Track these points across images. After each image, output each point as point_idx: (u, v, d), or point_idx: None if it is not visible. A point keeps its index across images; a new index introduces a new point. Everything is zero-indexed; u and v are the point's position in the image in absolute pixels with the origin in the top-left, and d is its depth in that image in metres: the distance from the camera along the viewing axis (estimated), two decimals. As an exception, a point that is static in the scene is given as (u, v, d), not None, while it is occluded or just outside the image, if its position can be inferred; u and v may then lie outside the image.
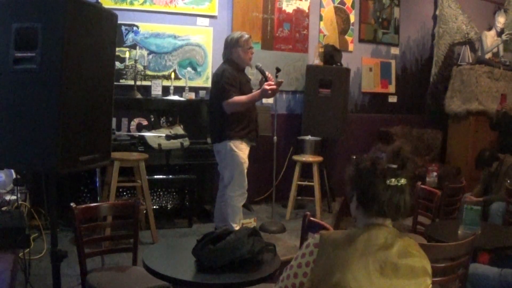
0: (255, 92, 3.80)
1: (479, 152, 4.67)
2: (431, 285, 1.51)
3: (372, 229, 1.50)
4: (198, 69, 5.18)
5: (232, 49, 3.87)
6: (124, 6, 4.82)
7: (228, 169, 3.83)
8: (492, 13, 6.60)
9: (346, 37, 6.04)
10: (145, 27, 4.92)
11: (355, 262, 1.42)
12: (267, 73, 3.88)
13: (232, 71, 3.78)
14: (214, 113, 3.86)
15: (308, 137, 5.29)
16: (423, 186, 3.75)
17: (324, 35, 5.89)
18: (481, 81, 6.01)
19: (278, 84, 3.82)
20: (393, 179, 1.50)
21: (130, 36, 4.88)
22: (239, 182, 3.82)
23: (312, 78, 5.37)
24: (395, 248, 1.46)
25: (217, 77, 3.82)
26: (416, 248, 1.53)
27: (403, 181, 1.51)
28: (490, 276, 2.52)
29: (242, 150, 3.80)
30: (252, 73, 4.78)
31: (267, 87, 3.71)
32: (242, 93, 3.77)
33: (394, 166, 1.52)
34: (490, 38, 6.31)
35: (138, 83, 4.79)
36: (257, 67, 3.97)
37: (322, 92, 5.33)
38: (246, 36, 3.90)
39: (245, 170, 3.85)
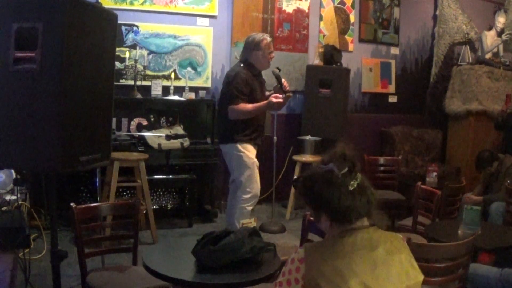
0: (261, 103, 3.68)
1: (478, 153, 4.66)
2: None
3: (354, 232, 1.48)
4: (198, 69, 5.18)
5: (252, 52, 3.73)
6: (124, 6, 4.82)
7: (236, 172, 3.74)
8: (492, 13, 6.59)
9: (346, 37, 6.04)
10: (145, 27, 4.92)
11: (346, 268, 1.40)
12: (283, 80, 3.77)
13: (245, 76, 3.65)
14: (222, 114, 3.75)
15: (308, 137, 5.29)
16: (423, 186, 3.75)
17: (324, 35, 5.89)
18: (481, 81, 6.01)
19: (286, 98, 3.71)
20: (352, 182, 1.49)
21: (130, 36, 4.88)
22: (248, 184, 3.71)
23: (312, 78, 5.37)
24: (381, 248, 1.46)
25: (229, 78, 3.69)
26: (401, 243, 1.53)
27: (358, 176, 1.51)
28: (490, 276, 2.52)
29: (249, 151, 3.71)
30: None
31: (274, 100, 3.61)
32: (253, 98, 3.67)
33: (345, 170, 1.50)
34: (490, 38, 6.31)
35: (138, 83, 4.79)
36: (274, 73, 3.82)
37: (322, 92, 5.33)
38: (268, 39, 3.76)
39: (255, 171, 3.73)
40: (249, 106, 3.66)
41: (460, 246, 2.28)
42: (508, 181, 4.09)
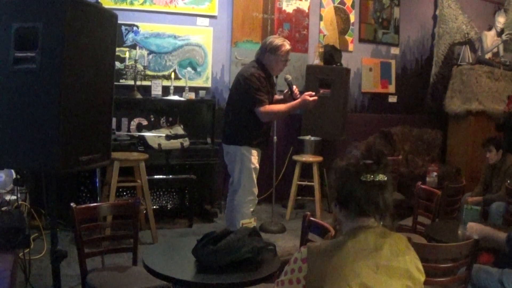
0: (294, 102, 3.61)
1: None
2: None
3: (358, 233, 1.47)
4: (198, 69, 5.18)
5: (266, 54, 3.62)
6: (124, 6, 4.82)
7: (236, 173, 3.67)
8: (492, 13, 6.60)
9: (346, 37, 6.04)
10: (145, 27, 4.92)
11: (348, 269, 1.40)
12: (294, 87, 3.72)
13: (259, 76, 3.55)
14: (232, 114, 3.67)
15: (308, 137, 5.29)
16: (423, 186, 3.75)
17: (324, 35, 5.89)
18: (481, 81, 6.01)
19: (319, 96, 3.63)
20: (368, 175, 1.46)
21: (130, 36, 4.88)
22: (248, 187, 3.66)
23: (312, 78, 5.37)
24: (386, 250, 1.44)
25: (243, 79, 3.56)
26: (405, 245, 1.51)
27: (380, 176, 1.48)
28: (490, 277, 2.52)
29: (253, 155, 3.64)
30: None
31: (310, 98, 3.51)
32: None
33: (369, 161, 1.49)
34: (490, 38, 6.31)
35: (138, 83, 4.79)
36: (286, 80, 3.76)
37: (322, 92, 5.33)
38: (287, 47, 3.64)
39: (255, 175, 3.68)
40: (283, 106, 3.61)
41: (460, 247, 2.28)
42: (508, 181, 4.09)
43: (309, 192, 5.29)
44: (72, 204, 2.48)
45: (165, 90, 4.84)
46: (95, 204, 2.81)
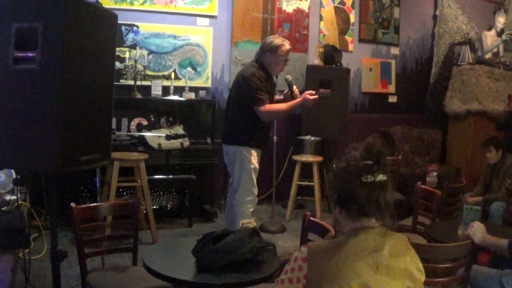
0: (295, 101, 3.63)
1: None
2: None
3: (359, 233, 1.46)
4: (198, 69, 5.18)
5: (266, 53, 3.63)
6: (124, 6, 4.82)
7: (236, 173, 3.67)
8: (492, 13, 6.59)
9: (346, 37, 6.05)
10: (145, 27, 4.92)
11: (348, 269, 1.39)
12: (294, 87, 3.74)
13: (259, 76, 3.56)
14: (232, 114, 3.67)
15: (308, 137, 5.29)
16: (423, 186, 3.75)
17: (324, 35, 5.89)
18: (481, 81, 6.01)
19: (319, 95, 3.66)
20: (369, 176, 1.47)
21: (130, 36, 4.88)
22: (248, 187, 3.66)
23: (312, 78, 5.37)
24: (386, 250, 1.44)
25: (243, 78, 3.57)
26: (406, 245, 1.51)
27: (380, 177, 1.48)
28: (490, 277, 2.52)
29: (253, 155, 3.65)
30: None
31: (310, 97, 3.56)
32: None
33: (369, 162, 1.49)
34: (490, 38, 6.31)
35: (138, 83, 4.79)
36: (286, 80, 3.78)
37: (322, 92, 5.32)
38: (287, 47, 3.67)
39: (255, 176, 3.68)
40: (283, 105, 3.63)
41: (460, 247, 2.28)
42: (508, 181, 4.09)
43: (309, 192, 5.29)
44: (72, 204, 2.48)
45: (165, 90, 4.84)
46: (95, 204, 2.81)
